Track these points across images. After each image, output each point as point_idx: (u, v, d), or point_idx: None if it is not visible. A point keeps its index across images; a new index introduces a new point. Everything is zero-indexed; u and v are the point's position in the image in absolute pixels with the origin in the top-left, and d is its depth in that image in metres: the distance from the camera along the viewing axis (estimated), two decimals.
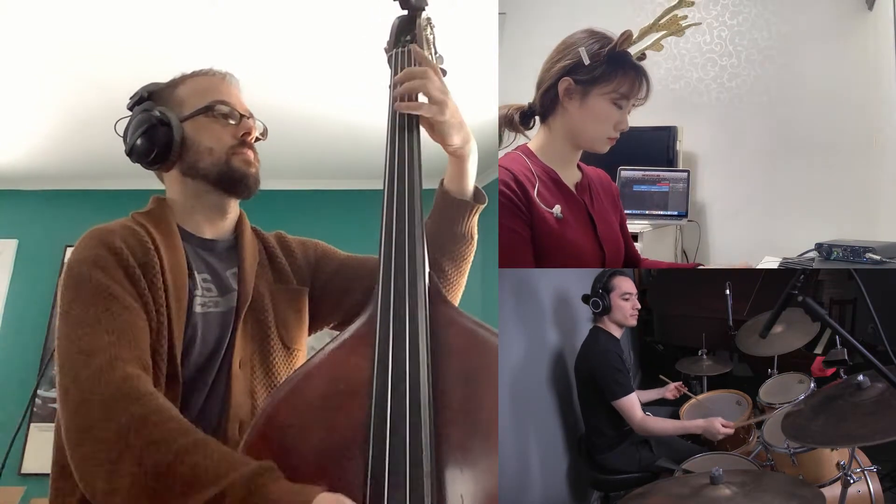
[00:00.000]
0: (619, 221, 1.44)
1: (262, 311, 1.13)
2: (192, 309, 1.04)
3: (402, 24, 1.28)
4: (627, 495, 1.34)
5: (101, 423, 0.84)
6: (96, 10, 2.51)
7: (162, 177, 1.18)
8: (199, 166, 1.11)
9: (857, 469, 1.50)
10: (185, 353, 1.02)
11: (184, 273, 1.04)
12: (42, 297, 3.91)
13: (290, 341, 1.15)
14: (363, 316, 0.94)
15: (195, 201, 1.14)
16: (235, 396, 1.03)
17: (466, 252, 1.22)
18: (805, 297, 1.14)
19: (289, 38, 2.71)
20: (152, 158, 1.11)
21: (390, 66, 1.23)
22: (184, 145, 1.11)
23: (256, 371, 1.09)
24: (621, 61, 1.23)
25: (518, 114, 1.32)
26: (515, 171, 1.22)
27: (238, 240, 1.18)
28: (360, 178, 3.93)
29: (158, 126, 1.10)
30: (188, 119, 1.12)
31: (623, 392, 1.82)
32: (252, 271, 1.14)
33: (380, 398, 0.83)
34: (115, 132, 1.16)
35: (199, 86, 1.16)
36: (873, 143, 2.47)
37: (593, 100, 1.23)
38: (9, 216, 4.17)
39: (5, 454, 1.75)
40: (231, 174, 1.12)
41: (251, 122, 1.16)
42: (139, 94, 1.16)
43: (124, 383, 0.87)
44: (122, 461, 0.80)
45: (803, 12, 2.63)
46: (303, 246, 1.28)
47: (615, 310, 1.90)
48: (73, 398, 0.87)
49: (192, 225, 1.13)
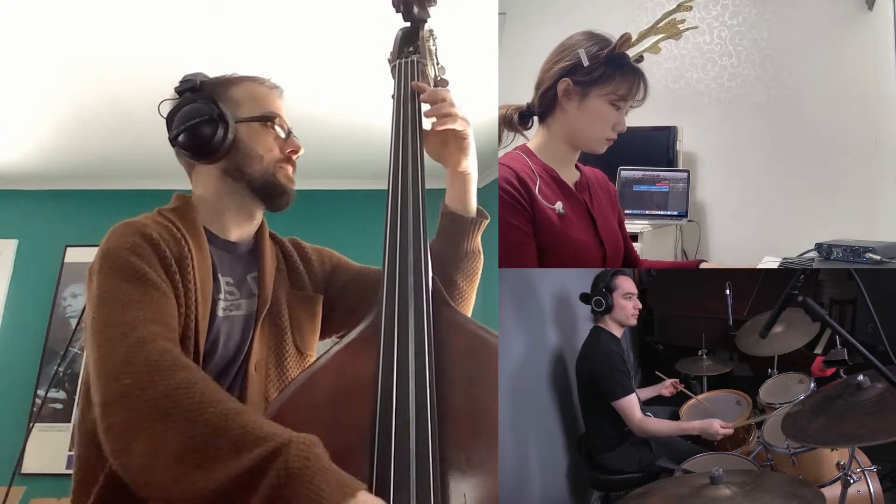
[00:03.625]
0: (618, 221, 1.44)
1: (279, 315, 1.14)
2: (216, 312, 1.05)
3: (405, 36, 1.30)
4: (627, 495, 1.34)
5: (145, 388, 0.82)
6: (96, 11, 2.51)
7: (194, 170, 1.17)
8: (247, 170, 1.12)
9: (857, 469, 1.50)
10: (209, 355, 1.02)
11: (210, 274, 1.05)
12: (42, 297, 3.91)
13: (303, 346, 1.17)
14: (368, 318, 0.95)
15: (229, 201, 1.14)
16: (251, 398, 1.04)
17: (476, 266, 1.24)
18: (805, 297, 1.15)
19: (290, 38, 2.71)
20: (200, 150, 1.10)
21: (394, 76, 1.24)
22: (234, 146, 1.11)
23: (271, 374, 1.10)
24: (620, 63, 1.23)
25: (517, 114, 1.32)
26: (517, 169, 1.22)
27: (258, 244, 1.18)
28: (365, 178, 3.93)
29: (215, 120, 1.09)
30: (243, 122, 1.12)
31: (623, 392, 1.82)
32: (271, 276, 1.15)
33: (385, 399, 0.84)
34: (159, 113, 1.14)
35: (255, 92, 1.17)
36: (873, 143, 2.47)
37: (591, 101, 1.24)
38: (9, 216, 4.16)
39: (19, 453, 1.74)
40: (275, 186, 1.13)
41: (297, 141, 1.18)
42: (192, 81, 1.14)
43: (166, 353, 0.86)
44: (168, 423, 0.79)
45: (803, 12, 2.63)
46: (319, 254, 1.29)
47: (617, 309, 1.90)
48: (111, 365, 0.85)
49: (218, 226, 1.13)
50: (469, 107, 1.17)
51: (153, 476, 0.78)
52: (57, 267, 3.97)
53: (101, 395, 0.85)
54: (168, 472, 0.77)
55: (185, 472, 0.76)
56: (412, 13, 1.28)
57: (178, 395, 0.81)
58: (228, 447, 0.76)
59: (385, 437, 0.81)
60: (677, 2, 1.27)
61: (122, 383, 0.83)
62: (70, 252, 4.00)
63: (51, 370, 3.78)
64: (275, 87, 1.21)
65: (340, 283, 1.27)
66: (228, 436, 0.77)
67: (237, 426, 0.78)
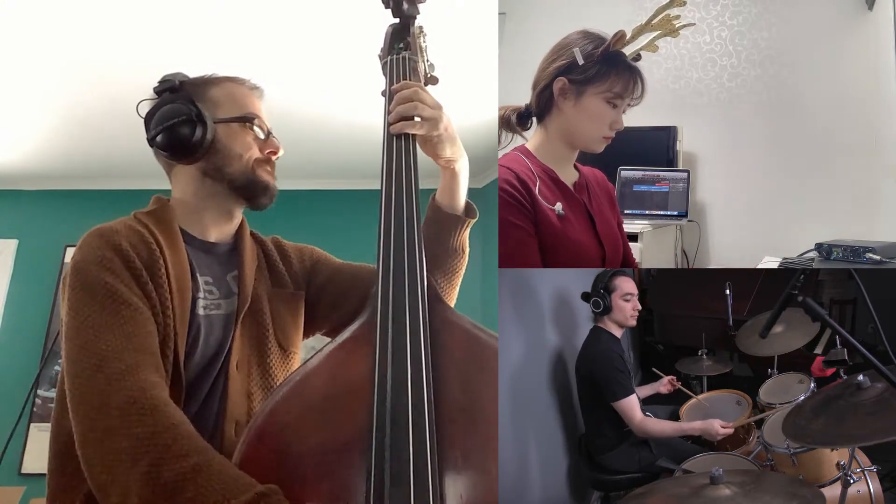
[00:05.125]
0: (617, 221, 1.44)
1: (261, 314, 1.14)
2: (195, 311, 1.04)
3: (395, 32, 1.29)
4: (627, 495, 1.34)
5: (116, 433, 0.82)
6: (96, 11, 2.51)
7: (174, 171, 1.16)
8: (226, 171, 1.12)
9: (857, 469, 1.50)
10: (189, 355, 1.01)
11: (187, 275, 1.04)
12: (42, 297, 3.91)
13: (286, 344, 1.16)
14: (362, 317, 0.94)
15: (208, 202, 1.14)
16: (232, 397, 1.03)
17: (458, 266, 1.23)
18: (805, 297, 1.15)
19: (288, 37, 2.71)
20: (179, 151, 1.09)
21: (384, 73, 1.24)
22: (212, 146, 1.11)
23: (253, 373, 1.10)
24: (615, 61, 1.23)
25: (515, 115, 1.32)
26: (517, 170, 1.22)
27: (238, 243, 1.18)
28: (360, 177, 3.93)
29: (194, 121, 1.08)
30: (222, 122, 1.12)
31: (623, 393, 1.82)
32: (251, 275, 1.15)
33: (381, 398, 0.83)
34: (137, 113, 1.14)
35: (234, 92, 1.16)
36: (873, 143, 2.47)
37: (588, 99, 1.24)
38: (9, 216, 4.17)
39: (3, 449, 1.75)
40: (256, 183, 1.13)
41: (277, 142, 1.17)
42: (171, 81, 1.13)
43: (140, 393, 0.86)
44: (135, 467, 0.79)
45: (803, 12, 2.63)
46: (299, 252, 1.29)
47: (616, 310, 1.90)
48: (88, 402, 0.86)
49: (197, 227, 1.13)
50: (469, 107, 1.17)
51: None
52: (57, 267, 3.96)
53: (78, 429, 0.86)
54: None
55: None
56: (402, 9, 1.28)
57: (148, 444, 0.81)
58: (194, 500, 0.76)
59: (380, 437, 0.80)
60: None
61: (99, 424, 0.84)
62: (70, 252, 3.99)
63: (51, 370, 3.78)
64: (255, 87, 1.20)
65: (321, 279, 1.27)
66: (186, 496, 0.77)
67: (195, 486, 0.77)
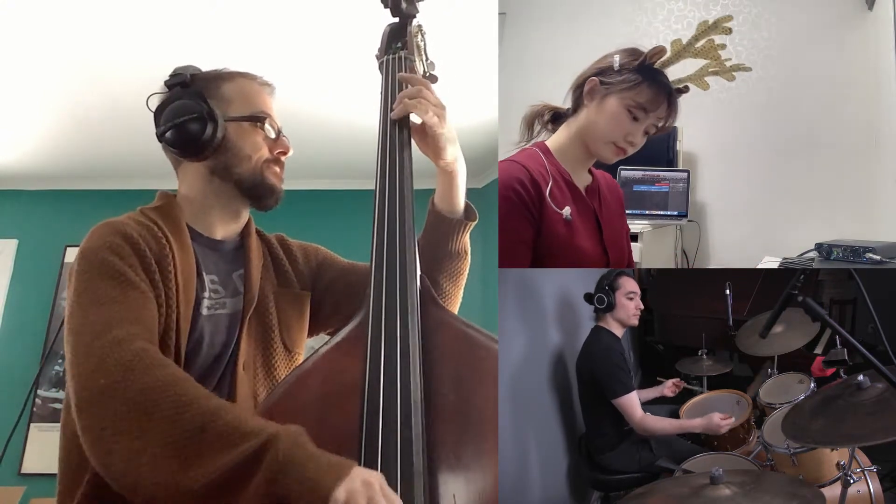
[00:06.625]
0: (625, 230, 1.43)
1: (267, 313, 1.13)
2: (199, 311, 1.03)
3: (393, 31, 1.28)
4: (627, 495, 1.34)
5: (120, 388, 0.81)
6: (96, 11, 2.51)
7: (181, 167, 1.15)
8: (235, 170, 1.10)
9: (857, 469, 1.49)
10: (193, 355, 1.01)
11: (193, 273, 1.04)
12: (42, 297, 3.91)
13: (291, 344, 1.16)
14: (356, 318, 0.95)
15: (215, 201, 1.12)
16: (240, 398, 1.03)
17: (462, 268, 1.23)
18: (805, 297, 1.15)
19: (288, 37, 2.71)
20: (188, 148, 1.08)
21: (381, 72, 1.23)
22: (222, 145, 1.09)
23: (259, 373, 1.10)
24: (650, 74, 1.22)
25: (551, 113, 1.32)
26: (531, 169, 1.20)
27: (244, 242, 1.17)
28: (360, 177, 3.93)
29: (204, 118, 1.07)
30: (233, 121, 1.11)
31: (624, 390, 1.82)
32: (258, 274, 1.14)
33: (372, 398, 0.84)
34: (147, 107, 1.12)
35: (246, 90, 1.15)
36: (873, 143, 2.47)
37: (610, 101, 1.22)
38: (9, 216, 4.17)
39: (3, 449, 1.75)
40: (264, 185, 1.12)
41: (287, 142, 1.16)
42: (182, 75, 1.11)
43: (143, 353, 0.85)
44: (150, 421, 0.78)
45: (803, 12, 2.64)
46: (304, 251, 1.28)
47: (619, 308, 1.91)
48: (86, 365, 0.84)
49: (203, 224, 1.12)
50: (468, 107, 1.16)
51: (137, 477, 0.77)
52: (57, 267, 3.97)
53: (76, 395, 0.84)
54: (152, 474, 0.76)
55: (171, 472, 0.75)
56: (400, 8, 1.28)
57: (157, 393, 0.80)
58: (214, 445, 0.76)
59: (372, 436, 0.81)
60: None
61: (98, 383, 0.82)
62: (70, 252, 4.00)
63: (51, 370, 3.78)
64: (266, 84, 1.19)
65: (327, 279, 1.26)
66: (213, 433, 0.76)
67: (222, 423, 0.77)
